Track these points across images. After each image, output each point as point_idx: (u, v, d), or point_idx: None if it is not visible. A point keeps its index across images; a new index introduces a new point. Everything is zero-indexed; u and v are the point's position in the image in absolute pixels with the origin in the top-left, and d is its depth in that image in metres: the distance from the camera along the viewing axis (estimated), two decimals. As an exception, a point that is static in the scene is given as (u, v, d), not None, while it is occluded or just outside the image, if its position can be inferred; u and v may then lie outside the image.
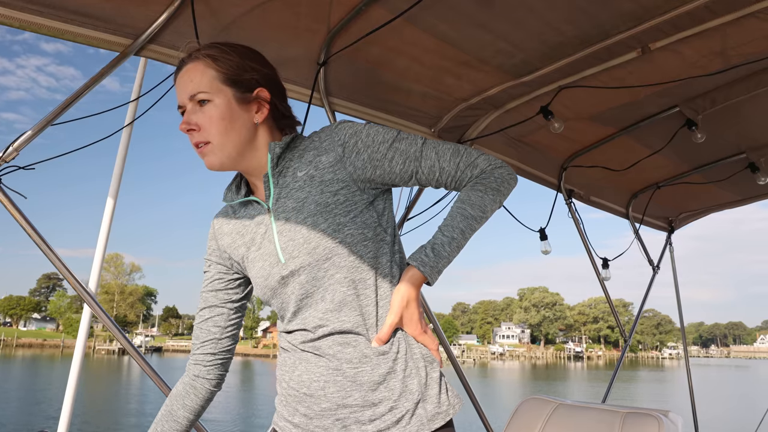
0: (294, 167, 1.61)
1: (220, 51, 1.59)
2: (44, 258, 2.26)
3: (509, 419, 3.05)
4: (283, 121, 1.70)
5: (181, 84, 1.60)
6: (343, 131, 1.58)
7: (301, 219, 1.54)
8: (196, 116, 1.58)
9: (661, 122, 3.59)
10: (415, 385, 1.52)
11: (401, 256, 1.67)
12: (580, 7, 2.49)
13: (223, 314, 1.78)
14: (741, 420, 21.22)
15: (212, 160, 1.59)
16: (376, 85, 3.03)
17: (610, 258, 4.83)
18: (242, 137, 1.59)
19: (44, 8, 2.10)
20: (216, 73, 1.57)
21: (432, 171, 1.59)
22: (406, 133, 1.61)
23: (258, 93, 1.61)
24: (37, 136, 2.21)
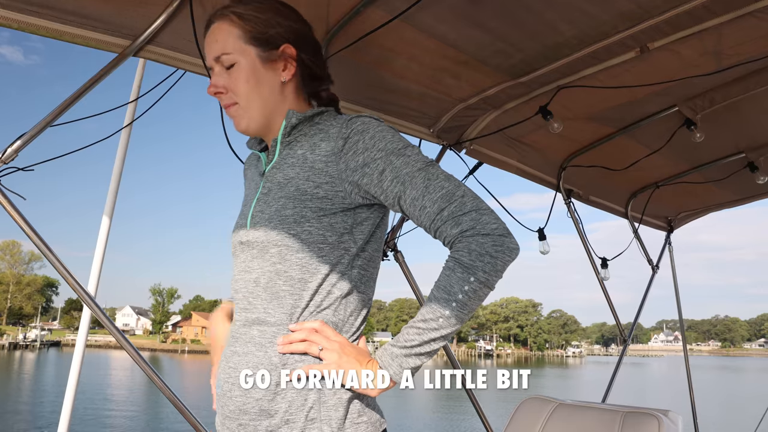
0: (302, 143, 1.56)
1: (246, 7, 1.55)
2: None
3: (509, 419, 3.05)
4: (313, 83, 1.65)
5: (207, 45, 1.59)
6: (354, 125, 1.48)
7: (278, 196, 1.51)
8: (222, 78, 1.56)
9: (660, 122, 3.58)
10: (311, 399, 1.41)
11: (363, 272, 1.54)
12: (578, 7, 2.49)
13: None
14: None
15: (239, 122, 1.59)
16: (375, 86, 3.03)
17: (609, 258, 4.82)
18: (268, 99, 1.57)
19: (42, 9, 2.09)
20: (240, 32, 1.53)
21: (414, 204, 1.41)
22: (415, 151, 1.47)
23: (284, 50, 1.57)
24: (36, 138, 2.22)
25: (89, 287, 2.50)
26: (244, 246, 1.55)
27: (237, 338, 1.53)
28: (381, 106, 3.22)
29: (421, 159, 1.45)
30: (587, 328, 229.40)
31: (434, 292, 1.36)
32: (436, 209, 1.38)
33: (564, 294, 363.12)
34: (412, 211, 1.42)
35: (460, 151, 3.66)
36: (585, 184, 4.52)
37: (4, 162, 2.14)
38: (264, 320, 1.48)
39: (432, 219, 1.39)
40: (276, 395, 1.41)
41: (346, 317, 1.51)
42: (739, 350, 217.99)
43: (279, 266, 1.47)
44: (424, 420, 26.84)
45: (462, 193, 1.39)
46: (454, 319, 1.34)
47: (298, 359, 1.43)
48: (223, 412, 1.52)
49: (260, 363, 1.44)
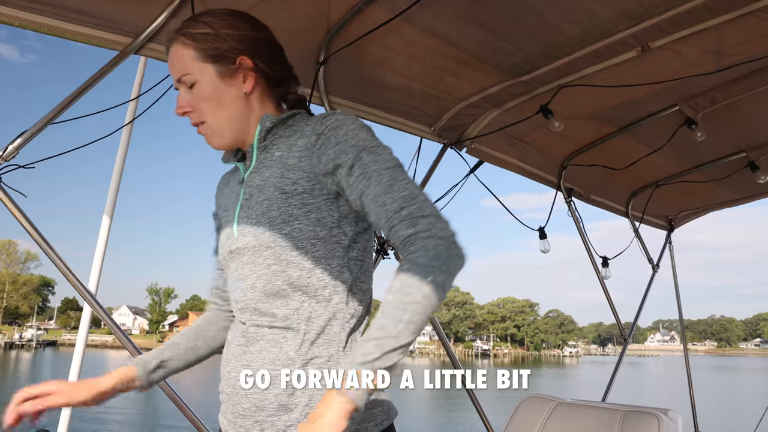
0: (278, 146, 1.56)
1: (196, 26, 1.54)
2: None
3: (509, 418, 3.06)
4: (278, 89, 1.64)
5: (170, 68, 1.58)
6: (328, 122, 1.47)
7: (260, 199, 1.50)
8: (187, 98, 1.56)
9: (661, 121, 3.59)
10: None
11: (360, 263, 1.53)
12: (579, 5, 2.49)
13: None
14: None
15: (212, 141, 1.58)
16: (376, 84, 3.03)
17: (610, 257, 4.83)
18: (234, 113, 1.56)
19: (44, 7, 2.10)
20: (194, 52, 1.53)
21: (375, 200, 1.37)
22: (387, 150, 1.44)
23: (240, 62, 1.54)
24: (37, 135, 2.22)
25: (90, 285, 2.50)
26: (234, 255, 1.54)
27: (248, 338, 1.52)
28: (382, 105, 3.22)
29: (390, 159, 1.43)
30: (584, 328, 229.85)
31: (389, 296, 1.28)
32: (395, 207, 1.34)
33: (561, 294, 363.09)
34: (372, 207, 1.39)
35: (461, 149, 3.66)
36: (586, 183, 4.53)
37: (5, 159, 2.14)
38: (274, 324, 1.48)
39: (389, 216, 1.35)
40: (296, 390, 1.42)
41: (356, 308, 1.51)
42: (735, 350, 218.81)
43: (275, 267, 1.46)
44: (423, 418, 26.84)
45: (424, 198, 1.36)
46: (413, 325, 1.26)
47: (315, 352, 1.44)
48: (234, 411, 1.51)
49: (276, 359, 1.44)
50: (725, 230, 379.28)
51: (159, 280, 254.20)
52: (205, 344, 1.80)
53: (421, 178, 3.55)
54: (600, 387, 4.88)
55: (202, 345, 1.79)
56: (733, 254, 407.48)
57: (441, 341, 3.96)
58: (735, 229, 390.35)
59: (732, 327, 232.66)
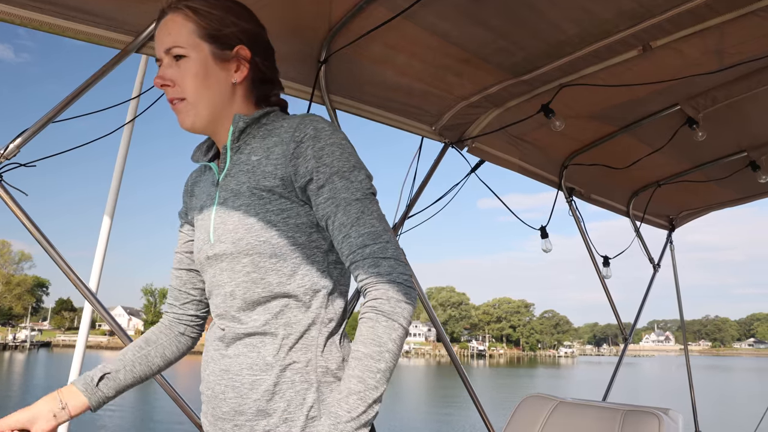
0: (253, 146, 1.53)
1: (202, 3, 1.51)
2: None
3: (510, 417, 3.06)
4: (264, 87, 1.62)
5: (159, 36, 1.52)
6: (306, 129, 1.45)
7: (236, 205, 1.48)
8: (171, 71, 1.51)
9: (662, 120, 3.59)
10: (311, 398, 1.41)
11: (340, 267, 1.54)
12: (580, 5, 2.49)
13: (199, 275, 1.74)
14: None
15: (184, 118, 1.53)
16: (377, 83, 3.02)
17: (611, 256, 4.83)
18: (217, 97, 1.53)
19: (46, 5, 2.09)
20: (195, 27, 1.49)
21: (340, 229, 1.40)
22: (360, 176, 1.44)
23: (238, 50, 1.52)
24: (38, 134, 2.21)
25: (90, 285, 2.49)
26: (212, 260, 1.53)
27: (226, 343, 1.51)
28: (383, 104, 3.21)
29: (362, 188, 1.43)
30: (579, 328, 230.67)
31: (362, 348, 1.30)
32: (359, 243, 1.37)
33: (556, 294, 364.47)
34: (336, 235, 1.41)
35: (462, 149, 3.66)
36: (587, 182, 4.53)
37: (6, 158, 2.14)
38: (253, 331, 1.47)
39: (352, 250, 1.38)
40: (274, 395, 1.41)
41: (335, 312, 1.50)
42: (729, 350, 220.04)
43: (254, 275, 1.45)
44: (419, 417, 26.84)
45: (388, 238, 1.39)
46: (388, 372, 1.30)
47: (293, 357, 1.43)
48: (215, 414, 1.50)
49: (254, 364, 1.44)
50: (720, 231, 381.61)
51: (154, 280, 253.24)
52: (158, 352, 1.74)
53: (422, 177, 3.55)
54: (595, 386, 4.90)
55: (154, 354, 1.74)
56: (728, 255, 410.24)
57: (443, 343, 3.96)
58: (730, 230, 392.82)
59: (726, 327, 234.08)
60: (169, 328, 1.77)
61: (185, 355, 1.82)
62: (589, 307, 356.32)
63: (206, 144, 1.69)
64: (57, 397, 1.58)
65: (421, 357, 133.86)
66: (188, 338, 1.79)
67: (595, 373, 77.49)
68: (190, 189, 1.76)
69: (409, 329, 1.36)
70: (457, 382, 30.62)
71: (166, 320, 1.79)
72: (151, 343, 1.75)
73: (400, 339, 1.32)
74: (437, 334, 3.80)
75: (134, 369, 1.70)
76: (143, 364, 1.72)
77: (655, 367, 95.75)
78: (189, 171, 1.78)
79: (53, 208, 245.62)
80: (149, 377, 1.76)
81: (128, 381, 1.69)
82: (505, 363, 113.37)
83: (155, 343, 1.75)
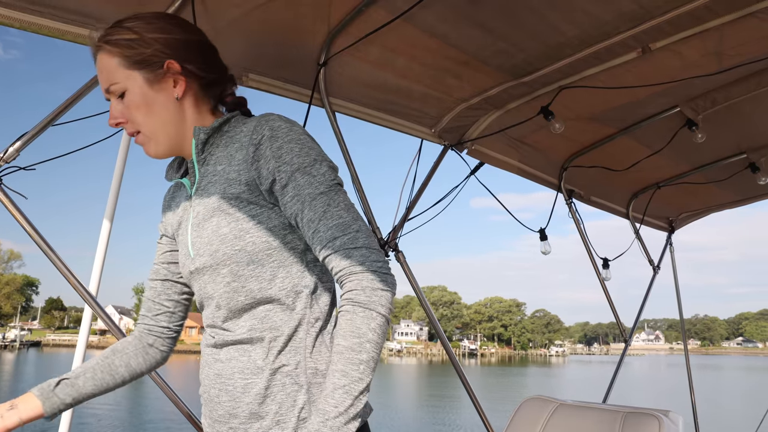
0: (217, 156, 1.53)
1: (118, 32, 1.48)
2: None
3: (510, 419, 3.06)
4: (212, 90, 1.59)
5: (99, 79, 1.52)
6: (262, 131, 1.44)
7: (207, 217, 1.49)
8: (119, 108, 1.51)
9: (662, 122, 3.59)
10: (301, 400, 1.42)
11: (320, 264, 1.53)
12: (580, 7, 2.49)
13: (176, 287, 1.75)
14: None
15: (147, 149, 1.54)
16: (377, 86, 3.02)
17: (611, 258, 4.83)
18: (167, 119, 1.51)
19: (45, 8, 2.10)
20: (120, 59, 1.47)
21: (309, 225, 1.39)
22: (322, 169, 1.43)
23: (168, 66, 1.49)
24: (38, 137, 2.20)
25: (90, 287, 2.48)
26: (195, 275, 1.54)
27: (220, 350, 1.53)
28: (382, 106, 3.21)
29: (325, 180, 1.42)
30: (570, 327, 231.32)
31: (342, 341, 1.30)
32: (329, 236, 1.37)
33: (547, 294, 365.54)
34: (306, 231, 1.41)
35: (462, 151, 3.66)
36: (586, 184, 4.53)
37: (6, 161, 2.14)
38: (241, 337, 1.48)
39: (323, 244, 1.37)
40: (265, 398, 1.42)
41: (321, 310, 1.51)
42: (717, 349, 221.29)
43: (235, 284, 1.46)
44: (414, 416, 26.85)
45: (357, 227, 1.38)
46: (372, 362, 1.30)
47: (282, 360, 1.45)
48: (211, 416, 1.52)
49: (245, 368, 1.45)
50: (709, 231, 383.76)
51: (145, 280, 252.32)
52: (122, 361, 1.71)
53: (422, 179, 3.54)
54: (586, 385, 4.91)
55: (119, 363, 1.70)
56: (717, 254, 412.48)
57: (442, 344, 3.95)
58: (719, 230, 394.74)
59: (715, 326, 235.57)
60: (138, 338, 1.75)
61: (155, 368, 1.79)
62: (580, 306, 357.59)
63: (176, 161, 1.70)
64: (9, 402, 1.55)
65: (413, 356, 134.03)
66: (157, 351, 1.77)
67: (586, 372, 78.02)
68: (167, 204, 1.77)
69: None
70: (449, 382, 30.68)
71: (137, 331, 1.77)
72: (117, 352, 1.72)
73: (380, 327, 1.32)
74: (435, 333, 3.79)
75: (95, 376, 1.65)
76: (105, 372, 1.67)
77: (644, 367, 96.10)
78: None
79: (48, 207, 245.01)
80: (113, 387, 1.71)
81: (88, 388, 1.64)
82: (497, 362, 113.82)
83: (121, 353, 1.72)
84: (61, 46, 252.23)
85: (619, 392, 4.78)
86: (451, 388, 40.17)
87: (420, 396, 36.97)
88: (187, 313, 1.80)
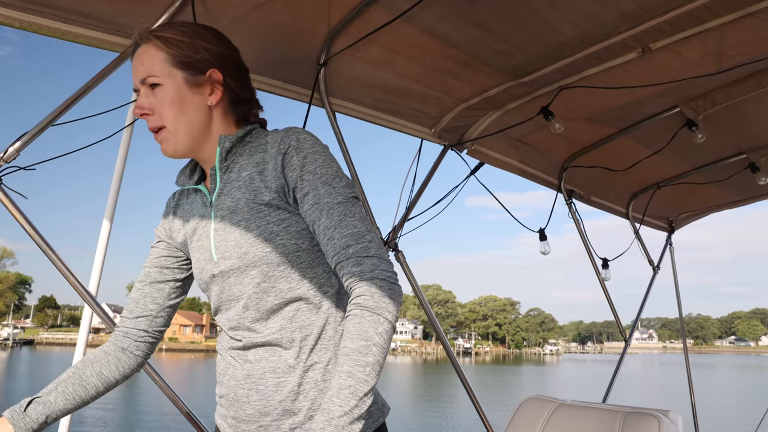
0: (241, 164, 1.59)
1: (171, 32, 1.56)
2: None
3: (509, 419, 3.06)
4: (240, 107, 1.66)
5: (134, 67, 1.58)
6: (289, 141, 1.52)
7: (235, 221, 1.53)
8: (148, 100, 1.56)
9: (662, 122, 3.59)
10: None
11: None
12: (580, 7, 2.49)
13: (164, 291, 1.75)
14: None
15: (166, 147, 1.58)
16: (377, 86, 3.02)
17: (610, 258, 4.84)
18: (195, 122, 1.57)
19: (45, 8, 2.09)
20: (166, 56, 1.54)
21: (325, 233, 1.44)
22: (342, 182, 1.50)
23: (210, 74, 1.57)
24: (38, 137, 2.20)
25: (90, 287, 2.47)
26: (218, 278, 1.57)
27: (248, 351, 1.56)
28: (382, 106, 3.22)
29: (344, 192, 1.48)
30: (564, 326, 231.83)
31: (349, 344, 1.32)
32: (342, 244, 1.41)
33: (542, 292, 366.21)
34: (321, 238, 1.46)
35: (462, 151, 3.66)
36: (586, 184, 4.53)
37: (6, 161, 2.14)
38: (271, 338, 1.52)
39: (336, 251, 1.42)
40: (298, 395, 1.48)
41: (346, 309, 1.54)
42: (710, 347, 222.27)
43: (265, 284, 1.50)
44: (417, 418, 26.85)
45: (370, 238, 1.43)
46: (377, 365, 1.32)
47: (314, 358, 1.51)
48: (236, 416, 1.55)
49: (276, 367, 1.50)
50: (702, 230, 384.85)
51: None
52: (93, 371, 1.67)
53: (422, 180, 3.55)
54: (582, 384, 4.91)
55: (90, 372, 1.66)
56: (710, 254, 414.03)
57: (441, 343, 3.96)
58: (712, 229, 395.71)
59: (708, 325, 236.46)
60: (113, 344, 1.72)
61: (130, 375, 1.75)
62: (574, 305, 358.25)
63: (189, 167, 1.73)
64: None
65: (408, 355, 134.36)
66: (131, 355, 1.73)
67: (580, 371, 78.42)
68: (172, 210, 1.79)
69: (396, 326, 1.38)
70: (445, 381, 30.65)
71: (112, 336, 1.75)
72: (89, 363, 1.69)
73: (387, 333, 1.34)
74: (435, 332, 3.79)
75: (66, 390, 1.61)
76: (76, 384, 1.63)
77: (638, 365, 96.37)
78: (176, 170, 1.79)
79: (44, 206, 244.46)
80: (87, 401, 1.66)
81: (60, 404, 1.59)
82: (491, 361, 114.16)
83: (93, 363, 1.68)
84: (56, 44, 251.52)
85: (615, 391, 4.79)
86: (446, 387, 40.23)
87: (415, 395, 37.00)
88: (169, 322, 1.79)
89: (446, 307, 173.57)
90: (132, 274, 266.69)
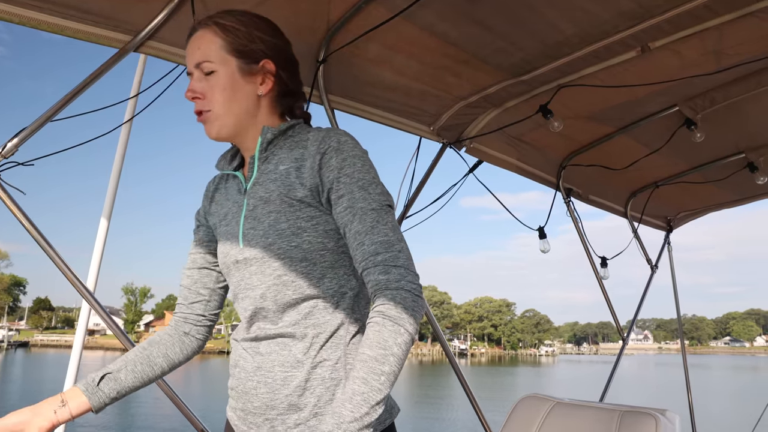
0: (280, 157, 1.61)
1: (230, 20, 1.59)
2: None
3: (506, 417, 3.06)
4: (288, 99, 1.69)
5: (189, 52, 1.61)
6: (330, 142, 1.53)
7: (266, 211, 1.55)
8: (200, 84, 1.59)
9: (660, 121, 3.59)
10: (339, 393, 1.42)
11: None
12: (579, 5, 2.49)
13: (212, 276, 1.80)
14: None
15: (210, 128, 1.61)
16: (375, 83, 3.02)
17: (609, 257, 4.84)
18: (243, 109, 1.60)
19: (44, 4, 2.09)
20: (223, 42, 1.57)
21: (355, 237, 1.45)
22: (378, 189, 1.50)
23: (264, 65, 1.60)
24: (36, 133, 2.20)
25: (87, 285, 2.48)
26: (240, 264, 1.59)
27: (258, 342, 1.57)
28: (381, 104, 3.21)
29: (379, 200, 1.49)
30: (560, 327, 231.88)
31: (368, 351, 1.32)
32: (372, 250, 1.42)
33: (537, 293, 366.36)
34: (351, 242, 1.47)
35: (460, 149, 3.66)
36: (584, 183, 4.53)
37: (5, 157, 2.15)
38: (284, 331, 1.53)
39: (365, 257, 1.43)
40: (305, 391, 1.48)
41: (362, 312, 1.58)
42: (705, 348, 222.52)
43: (285, 278, 1.51)
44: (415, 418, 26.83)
45: (400, 248, 1.44)
46: (392, 376, 1.32)
47: (323, 355, 1.51)
48: (245, 408, 1.57)
49: (285, 361, 1.51)
50: (696, 230, 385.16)
51: (135, 279, 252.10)
52: (160, 351, 1.75)
53: (420, 177, 3.55)
54: (578, 384, 4.90)
55: (156, 353, 1.75)
56: (704, 254, 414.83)
57: (441, 344, 3.96)
58: (706, 230, 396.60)
59: (703, 326, 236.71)
60: (174, 328, 1.80)
61: (191, 357, 1.84)
62: (569, 306, 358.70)
63: (230, 153, 1.76)
64: (59, 397, 1.60)
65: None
66: (193, 339, 1.81)
67: (576, 372, 78.62)
68: (211, 195, 1.82)
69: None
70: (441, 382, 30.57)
71: (173, 321, 1.82)
72: (155, 343, 1.76)
73: (406, 344, 1.34)
74: (435, 335, 3.79)
75: (135, 369, 1.70)
76: (144, 364, 1.72)
77: (633, 366, 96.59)
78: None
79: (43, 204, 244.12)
80: (153, 379, 1.75)
81: (129, 381, 1.68)
82: (487, 362, 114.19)
83: (158, 344, 1.77)
84: (49, 43, 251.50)
85: (611, 391, 4.79)
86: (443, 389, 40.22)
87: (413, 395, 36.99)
88: (223, 303, 1.84)
89: (442, 308, 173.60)
90: (126, 276, 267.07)
